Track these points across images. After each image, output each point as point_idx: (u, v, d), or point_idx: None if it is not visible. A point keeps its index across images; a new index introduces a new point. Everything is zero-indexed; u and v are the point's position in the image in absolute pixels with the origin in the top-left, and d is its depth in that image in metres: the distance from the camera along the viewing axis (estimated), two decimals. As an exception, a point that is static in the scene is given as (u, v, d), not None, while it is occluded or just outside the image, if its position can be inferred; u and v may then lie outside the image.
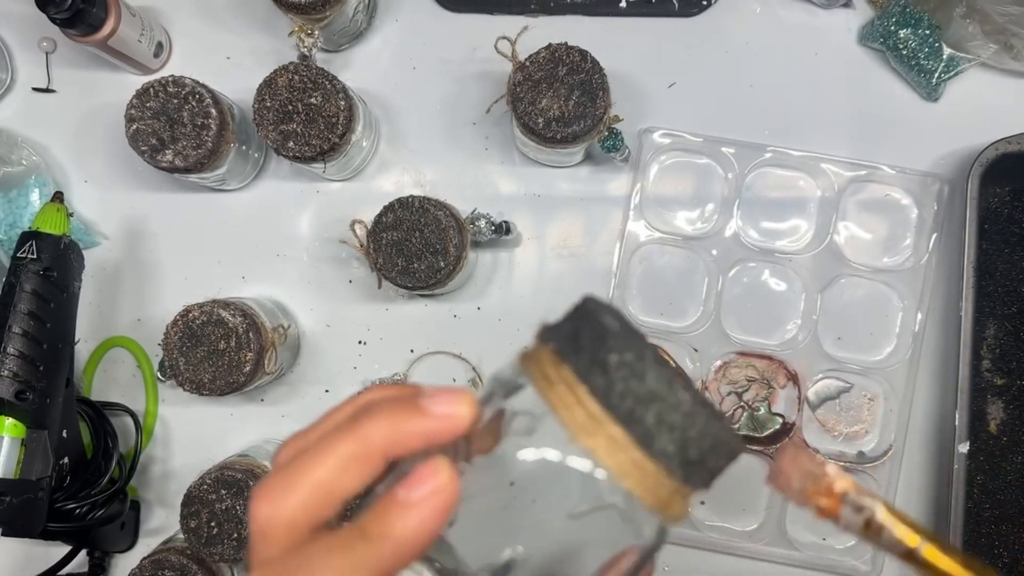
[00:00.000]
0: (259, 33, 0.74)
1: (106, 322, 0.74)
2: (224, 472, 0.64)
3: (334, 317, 0.73)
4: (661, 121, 0.72)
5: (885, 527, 0.25)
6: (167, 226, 0.74)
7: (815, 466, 0.26)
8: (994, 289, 0.69)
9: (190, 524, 0.64)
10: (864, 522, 0.25)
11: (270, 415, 0.73)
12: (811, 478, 0.26)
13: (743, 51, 0.74)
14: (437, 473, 0.23)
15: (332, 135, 0.65)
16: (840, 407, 0.71)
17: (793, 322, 0.72)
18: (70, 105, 0.75)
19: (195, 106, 0.65)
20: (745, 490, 0.71)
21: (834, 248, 0.71)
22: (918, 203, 0.71)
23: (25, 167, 0.73)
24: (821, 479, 0.26)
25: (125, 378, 0.74)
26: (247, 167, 0.73)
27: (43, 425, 0.63)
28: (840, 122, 0.73)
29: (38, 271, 0.63)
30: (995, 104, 0.72)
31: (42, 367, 0.63)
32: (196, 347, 0.64)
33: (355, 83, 0.69)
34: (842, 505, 0.26)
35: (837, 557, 0.69)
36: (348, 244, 0.69)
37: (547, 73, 0.63)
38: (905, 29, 0.70)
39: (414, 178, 0.74)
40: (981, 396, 0.68)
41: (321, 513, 0.24)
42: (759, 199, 0.72)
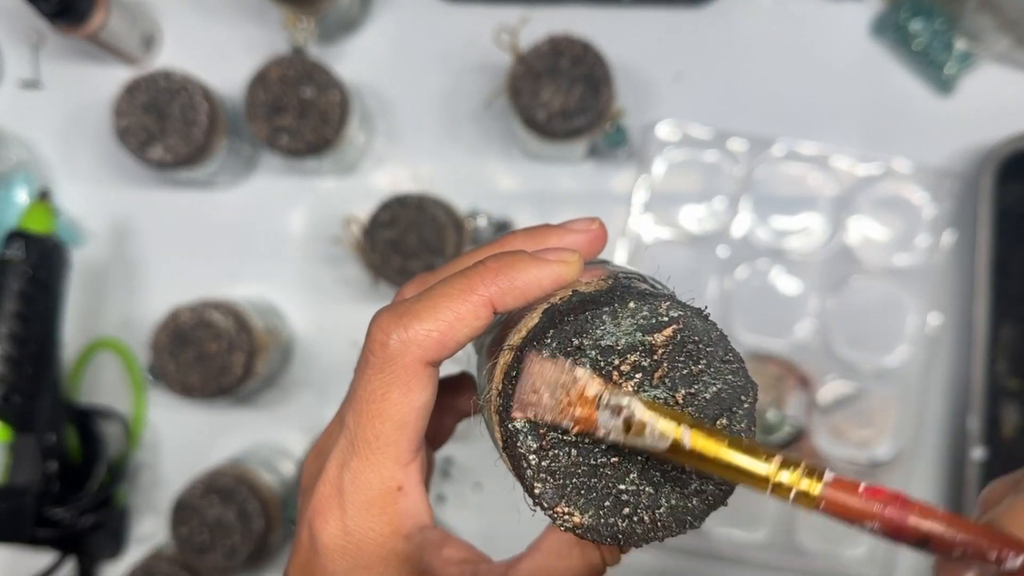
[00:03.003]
0: (251, 24, 0.74)
1: (93, 323, 0.73)
2: (214, 478, 0.63)
3: (328, 318, 0.73)
4: (666, 114, 0.71)
5: (647, 423, 0.24)
6: (156, 224, 0.74)
7: (564, 374, 0.24)
8: (1009, 289, 0.68)
9: (180, 531, 0.63)
10: (624, 423, 0.24)
11: (262, 419, 0.72)
12: (562, 388, 0.24)
13: (751, 43, 0.73)
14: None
15: (326, 130, 0.64)
16: (852, 411, 0.70)
17: (802, 323, 0.70)
18: (57, 100, 0.75)
19: (185, 100, 0.64)
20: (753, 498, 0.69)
21: (845, 246, 0.71)
22: (931, 200, 0.70)
23: (11, 164, 0.72)
24: (572, 386, 0.24)
25: (113, 381, 0.73)
26: (238, 163, 0.72)
27: (30, 429, 0.63)
28: (850, 116, 0.72)
29: (24, 271, 0.62)
30: (1009, 98, 0.72)
31: (29, 370, 0.62)
32: (185, 349, 0.63)
33: (350, 76, 0.68)
34: (598, 411, 0.24)
35: (847, 565, 0.68)
36: (343, 243, 0.68)
37: (549, 65, 0.62)
38: (917, 22, 0.70)
39: (411, 174, 0.73)
40: (996, 399, 0.68)
41: (440, 353, 0.27)
42: (767, 195, 0.71)
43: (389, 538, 0.28)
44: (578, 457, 0.25)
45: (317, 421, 0.71)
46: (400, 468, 0.28)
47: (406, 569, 0.28)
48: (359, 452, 0.28)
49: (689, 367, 0.26)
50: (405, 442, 0.28)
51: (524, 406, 0.25)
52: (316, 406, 0.72)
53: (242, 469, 0.65)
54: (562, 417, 0.24)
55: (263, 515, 0.63)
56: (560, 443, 0.25)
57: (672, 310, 0.25)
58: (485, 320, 0.27)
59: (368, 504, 0.28)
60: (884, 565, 0.68)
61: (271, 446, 0.72)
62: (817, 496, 0.23)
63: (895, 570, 0.68)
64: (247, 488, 0.63)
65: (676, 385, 0.26)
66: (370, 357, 0.27)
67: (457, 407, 0.35)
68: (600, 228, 0.30)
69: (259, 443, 0.72)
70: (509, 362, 0.26)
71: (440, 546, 0.29)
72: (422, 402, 0.27)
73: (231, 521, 0.63)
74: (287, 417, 0.72)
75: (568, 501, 0.26)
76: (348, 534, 0.28)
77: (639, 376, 0.25)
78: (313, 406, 0.72)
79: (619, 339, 0.25)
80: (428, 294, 0.27)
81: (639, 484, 0.26)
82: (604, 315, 0.25)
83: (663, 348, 0.25)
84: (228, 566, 0.63)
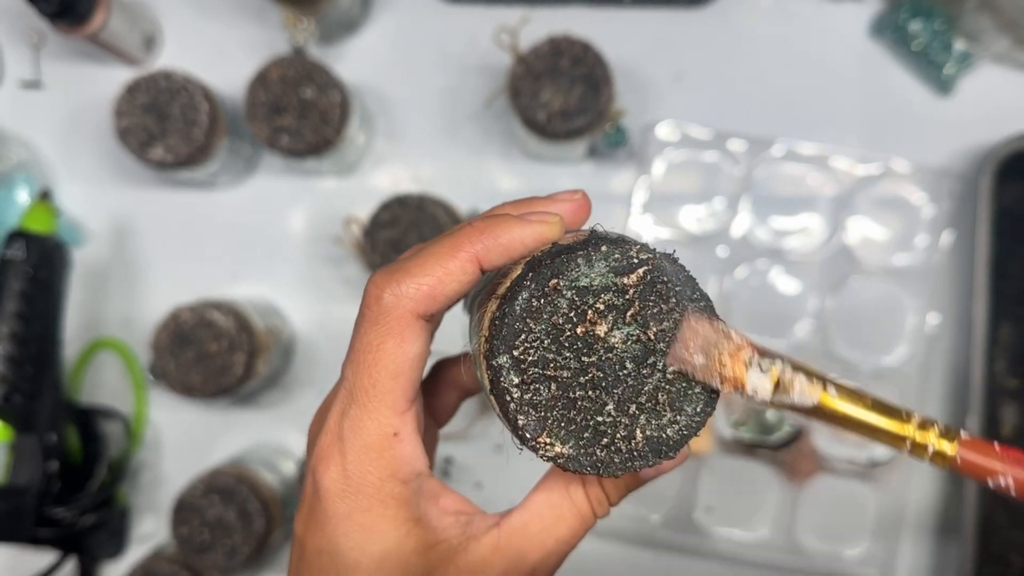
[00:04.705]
0: (252, 25, 0.74)
1: (94, 323, 0.73)
2: (215, 478, 0.63)
3: (328, 318, 0.72)
4: (666, 115, 0.71)
5: (795, 381, 0.25)
6: (157, 224, 0.74)
7: (719, 334, 0.26)
8: (1008, 289, 0.68)
9: (181, 531, 0.63)
10: (775, 382, 0.25)
11: (263, 419, 0.72)
12: (715, 347, 0.26)
13: (751, 43, 0.73)
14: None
15: (326, 130, 0.64)
16: (850, 411, 0.70)
17: (802, 323, 0.70)
18: (58, 100, 0.75)
19: (186, 100, 0.64)
20: (753, 497, 0.70)
21: (844, 246, 0.70)
22: (930, 200, 0.70)
23: (12, 164, 0.72)
24: (726, 346, 0.26)
25: (114, 381, 0.73)
26: (239, 163, 0.72)
27: (31, 429, 0.63)
28: (850, 116, 0.72)
29: (25, 271, 0.62)
30: (1008, 99, 0.71)
31: (29, 369, 0.62)
32: (186, 349, 0.63)
33: (350, 76, 0.68)
34: (748, 369, 0.25)
35: (847, 565, 0.68)
36: (343, 243, 0.68)
37: (549, 66, 0.62)
38: (916, 22, 0.70)
39: (411, 174, 0.73)
40: (995, 399, 0.68)
41: (430, 307, 0.28)
42: (767, 195, 0.71)
43: (387, 481, 0.29)
44: (558, 391, 0.27)
45: (317, 421, 0.71)
46: (396, 416, 0.29)
47: (403, 513, 0.29)
48: (357, 400, 0.29)
49: (659, 306, 0.27)
50: (400, 391, 0.29)
51: (677, 359, 0.26)
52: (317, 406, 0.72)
53: (243, 469, 0.65)
54: (711, 376, 0.26)
55: (264, 515, 0.63)
56: (541, 378, 0.27)
57: (642, 253, 0.27)
58: (472, 275, 0.29)
59: (366, 448, 0.29)
60: (884, 565, 0.68)
61: (272, 446, 0.72)
62: (952, 456, 0.24)
63: (895, 570, 0.68)
64: (248, 488, 0.63)
65: (647, 322, 0.27)
66: (366, 311, 0.29)
67: (460, 383, 0.37)
68: (583, 198, 0.31)
69: (260, 443, 0.72)
70: (494, 312, 0.27)
71: (437, 496, 0.31)
72: (415, 352, 0.29)
73: (232, 521, 0.63)
74: (288, 417, 0.72)
75: (549, 432, 0.27)
76: (348, 478, 0.29)
77: (612, 315, 0.27)
78: (314, 406, 0.71)
79: (593, 280, 0.27)
80: (419, 253, 0.29)
81: (616, 416, 0.27)
82: (579, 258, 0.27)
83: (634, 288, 0.27)
84: (229, 566, 0.63)
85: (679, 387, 0.27)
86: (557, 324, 0.27)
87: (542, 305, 0.27)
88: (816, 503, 0.69)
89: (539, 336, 0.27)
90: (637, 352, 0.27)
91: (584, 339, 0.27)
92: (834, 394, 0.25)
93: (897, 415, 0.25)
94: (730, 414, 0.70)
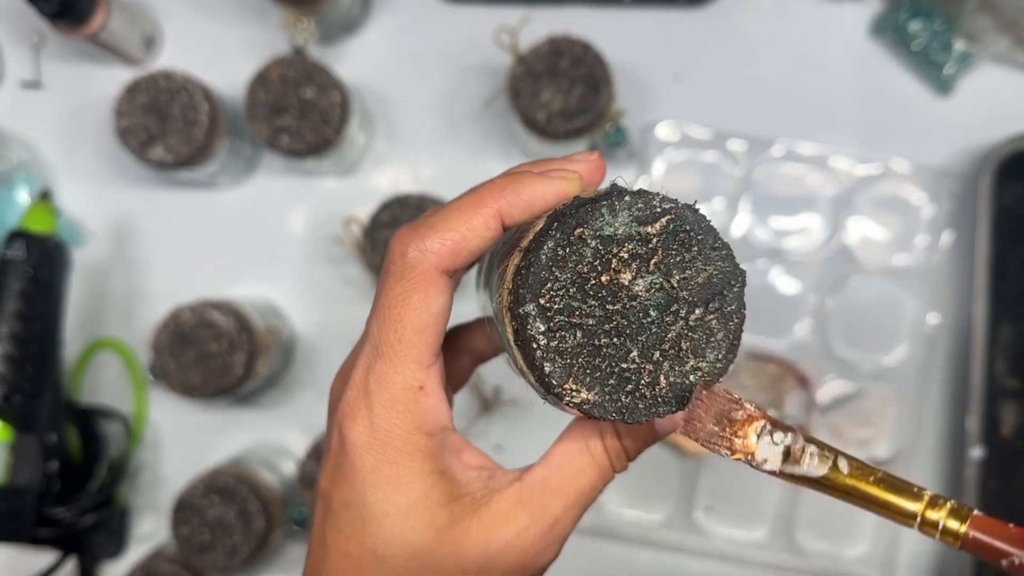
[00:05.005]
0: (252, 25, 0.74)
1: (94, 323, 0.73)
2: (215, 478, 0.63)
3: (328, 318, 0.72)
4: (666, 115, 0.71)
5: (806, 454, 0.25)
6: (157, 224, 0.74)
7: (731, 404, 0.26)
8: (1008, 289, 0.68)
9: (181, 531, 0.63)
10: (784, 451, 0.25)
11: (263, 419, 0.72)
12: (726, 418, 0.26)
13: (751, 43, 0.73)
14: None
15: (327, 130, 0.64)
16: (851, 410, 0.70)
17: (801, 323, 0.70)
18: (58, 100, 0.75)
19: (186, 100, 0.64)
20: (753, 498, 0.70)
21: (844, 246, 0.71)
22: (930, 200, 0.70)
23: (12, 164, 0.72)
24: (737, 414, 0.26)
25: (114, 381, 0.73)
26: (239, 163, 0.72)
27: (31, 429, 0.63)
28: (850, 116, 0.72)
29: (25, 271, 0.62)
30: (1008, 99, 0.72)
31: (30, 369, 0.62)
32: (186, 349, 0.63)
33: (350, 76, 0.68)
34: (759, 439, 0.26)
35: (847, 565, 0.68)
36: (343, 243, 0.68)
37: (549, 66, 0.62)
38: (916, 22, 0.70)
39: (411, 174, 0.73)
40: (994, 399, 0.68)
41: (453, 262, 0.29)
42: (766, 195, 0.71)
43: (412, 434, 0.29)
44: (583, 338, 0.28)
45: (318, 421, 0.71)
46: (421, 369, 0.30)
47: (428, 465, 0.30)
48: (383, 355, 0.29)
49: (682, 254, 0.28)
50: (425, 345, 0.29)
51: (688, 427, 0.27)
52: (317, 406, 0.72)
53: (243, 469, 0.65)
54: (722, 444, 0.26)
55: (264, 514, 0.63)
56: (566, 326, 0.27)
57: (665, 203, 0.28)
58: (495, 231, 0.29)
59: (393, 401, 0.29)
60: (884, 565, 0.68)
61: (272, 446, 0.72)
62: (963, 534, 0.24)
63: (895, 570, 0.68)
64: (248, 488, 0.63)
65: (670, 270, 0.28)
66: (391, 267, 0.29)
67: (474, 349, 0.38)
68: (599, 159, 0.32)
69: (260, 443, 0.72)
70: (518, 263, 0.28)
71: (460, 450, 0.31)
72: (439, 307, 0.30)
73: (232, 520, 0.63)
74: (288, 417, 0.72)
75: (575, 379, 0.28)
76: (374, 430, 0.29)
77: (636, 263, 0.28)
78: (314, 406, 0.72)
79: (617, 229, 0.28)
80: (442, 209, 0.30)
81: (640, 363, 0.28)
82: (603, 208, 0.27)
83: (657, 237, 0.28)
84: (229, 565, 0.63)
85: (701, 334, 0.28)
86: (582, 273, 0.27)
87: (567, 254, 0.27)
88: (816, 503, 0.69)
89: (564, 284, 0.27)
90: (660, 300, 0.28)
91: (608, 287, 0.28)
92: (844, 468, 0.25)
93: (908, 491, 0.25)
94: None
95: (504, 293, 0.28)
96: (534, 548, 0.30)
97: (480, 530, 0.29)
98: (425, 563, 0.29)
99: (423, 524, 0.29)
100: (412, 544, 0.29)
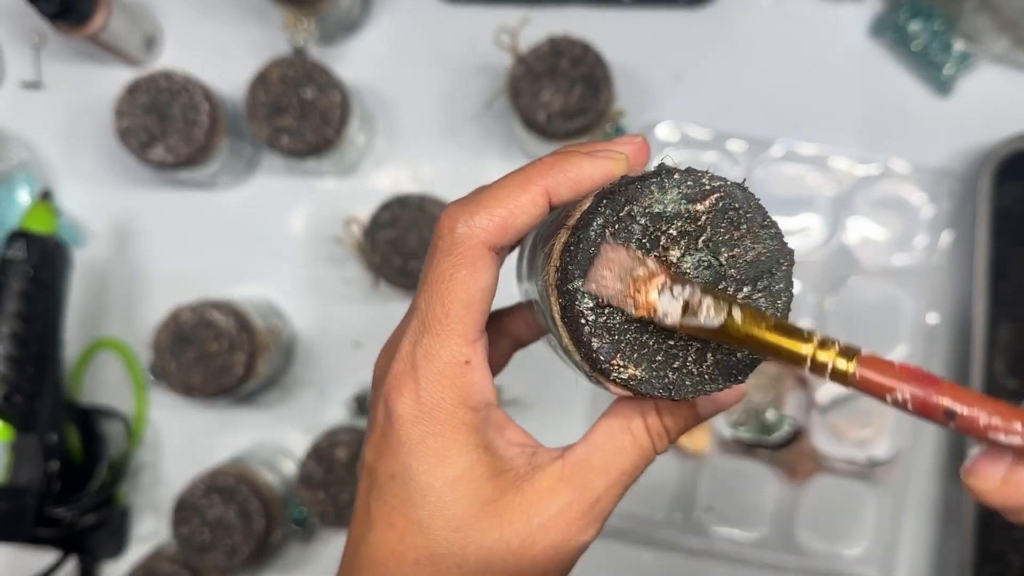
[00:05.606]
0: (252, 25, 0.74)
1: (94, 323, 0.73)
2: (216, 478, 0.63)
3: (328, 318, 0.72)
4: (666, 115, 0.71)
5: (703, 305, 0.26)
6: (157, 225, 0.74)
7: (635, 262, 0.27)
8: (1007, 289, 0.68)
9: (181, 531, 0.63)
10: (683, 305, 0.26)
11: (263, 419, 0.72)
12: (630, 275, 0.27)
13: (751, 44, 0.73)
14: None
15: (327, 130, 0.64)
16: (850, 410, 0.70)
17: (801, 323, 0.70)
18: (59, 100, 0.75)
19: (186, 101, 0.64)
20: (753, 498, 0.70)
21: (843, 246, 0.71)
22: (929, 200, 0.70)
23: (12, 164, 0.72)
24: (639, 271, 0.27)
25: (114, 381, 0.73)
26: (239, 163, 0.72)
27: (32, 429, 0.63)
28: (849, 117, 0.72)
29: (26, 271, 0.62)
30: (1008, 99, 0.72)
31: (30, 369, 0.62)
32: (186, 349, 0.63)
33: (351, 76, 0.68)
34: (660, 295, 0.26)
35: (847, 565, 0.68)
36: (343, 243, 0.68)
37: (548, 66, 0.62)
38: (916, 22, 0.70)
39: (411, 174, 0.73)
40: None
41: (501, 239, 0.29)
42: (766, 195, 0.70)
43: (458, 407, 0.30)
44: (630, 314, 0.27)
45: (318, 421, 0.71)
46: (467, 344, 0.30)
47: (473, 439, 0.30)
48: (430, 329, 0.30)
49: (731, 232, 0.28)
50: (471, 320, 0.30)
51: (593, 284, 0.27)
52: (317, 406, 0.72)
53: (243, 468, 0.65)
54: (626, 301, 0.27)
55: (264, 514, 0.63)
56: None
57: (714, 180, 0.28)
58: (542, 208, 0.30)
59: (439, 375, 0.30)
60: (884, 565, 0.68)
61: (272, 445, 0.72)
62: (851, 373, 0.25)
63: (895, 570, 0.68)
64: (248, 487, 0.63)
65: (719, 248, 0.28)
66: (439, 243, 0.30)
67: (513, 333, 0.38)
68: (643, 142, 0.32)
69: (260, 442, 0.72)
70: (566, 240, 0.28)
71: (503, 427, 0.32)
72: (487, 283, 0.30)
73: (232, 520, 0.63)
74: (288, 417, 0.72)
75: (623, 355, 0.27)
76: (421, 403, 0.30)
77: (685, 241, 0.28)
78: (314, 406, 0.72)
79: (666, 207, 0.27)
80: (491, 187, 0.30)
81: (687, 340, 0.28)
82: (652, 186, 0.27)
83: (706, 214, 0.28)
84: (229, 565, 0.63)
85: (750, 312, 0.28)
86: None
87: (616, 231, 0.27)
88: (815, 503, 0.69)
89: None
90: (708, 277, 0.28)
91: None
92: (738, 317, 0.26)
93: (798, 335, 0.26)
94: (730, 414, 0.70)
95: (551, 271, 0.28)
96: (576, 525, 0.30)
97: (523, 505, 0.30)
98: (469, 535, 0.29)
99: (467, 497, 0.29)
100: (456, 516, 0.29)
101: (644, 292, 0.26)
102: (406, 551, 0.30)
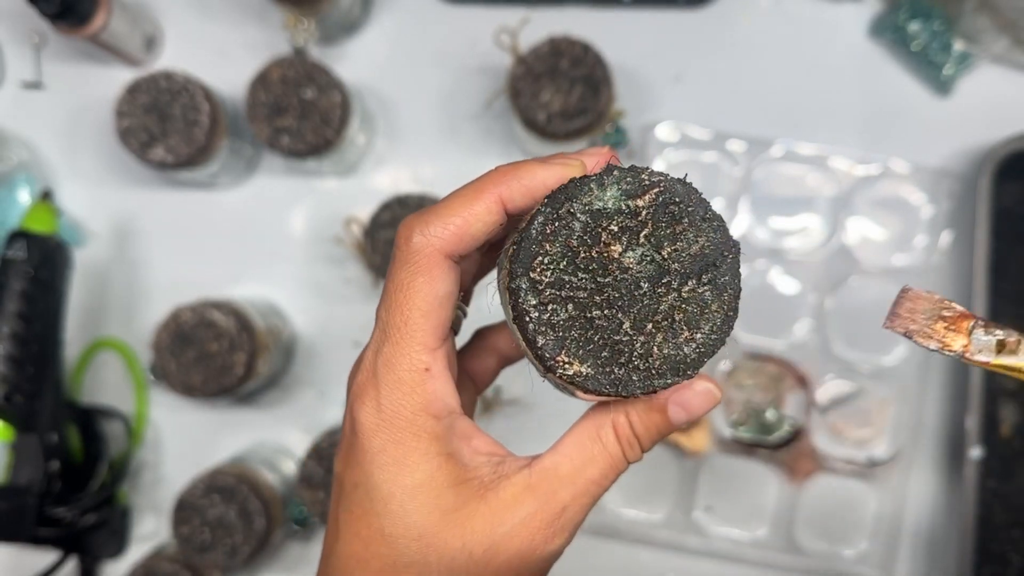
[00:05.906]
0: (252, 25, 0.74)
1: (95, 323, 0.73)
2: (216, 478, 0.63)
3: (329, 318, 0.73)
4: (666, 115, 0.71)
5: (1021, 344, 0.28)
6: (158, 225, 0.74)
7: (942, 303, 0.28)
8: (1007, 289, 0.68)
9: (182, 531, 0.63)
10: (998, 343, 0.28)
11: (263, 418, 0.72)
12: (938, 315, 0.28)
13: (750, 44, 0.73)
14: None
15: (327, 130, 0.64)
16: (850, 410, 0.70)
17: (801, 323, 0.70)
18: (59, 101, 0.75)
19: (186, 101, 0.64)
20: (753, 498, 0.70)
21: (843, 246, 0.71)
22: (929, 200, 0.70)
23: (13, 164, 0.72)
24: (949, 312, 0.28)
25: (115, 381, 0.73)
26: (239, 164, 0.72)
27: (32, 429, 0.63)
28: (849, 117, 0.72)
29: (26, 271, 0.62)
30: (1007, 99, 0.71)
31: (31, 369, 0.62)
32: (187, 349, 0.63)
33: (351, 77, 0.68)
34: (971, 333, 0.28)
35: (847, 565, 0.68)
36: (344, 243, 0.68)
37: (548, 66, 0.62)
38: (915, 23, 0.70)
39: (411, 175, 0.73)
40: (994, 399, 0.68)
41: (457, 247, 0.30)
42: (766, 195, 0.71)
43: (418, 415, 0.30)
44: (575, 311, 0.28)
45: (318, 421, 0.71)
46: (427, 352, 0.30)
47: (435, 447, 0.30)
48: (390, 338, 0.30)
49: (672, 226, 0.28)
50: (430, 328, 0.30)
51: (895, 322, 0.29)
52: (317, 405, 0.72)
53: (243, 468, 0.65)
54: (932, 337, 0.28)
55: (264, 514, 0.63)
56: (558, 299, 0.28)
57: (653, 176, 0.28)
58: (497, 216, 0.30)
59: (399, 383, 0.30)
60: (883, 564, 0.68)
61: (272, 445, 0.72)
62: None
63: (894, 570, 0.68)
64: (248, 487, 0.63)
65: (661, 243, 0.28)
66: (397, 253, 0.30)
67: (501, 349, 0.38)
68: (608, 152, 0.32)
69: (260, 442, 0.72)
70: (513, 244, 0.28)
71: (469, 436, 0.32)
72: (444, 291, 0.30)
73: (232, 520, 0.63)
74: (288, 416, 0.72)
75: (568, 352, 0.28)
76: (381, 411, 0.30)
77: (626, 236, 0.28)
78: (314, 406, 0.72)
79: (606, 203, 0.28)
80: (447, 198, 0.31)
81: (633, 335, 0.28)
82: (591, 183, 0.28)
83: (647, 210, 0.28)
84: (229, 565, 0.63)
85: (695, 306, 0.28)
86: (572, 246, 0.28)
87: (557, 228, 0.28)
88: (815, 503, 0.69)
89: (555, 258, 0.28)
90: (652, 272, 0.28)
91: (599, 260, 0.28)
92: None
93: None
94: (729, 414, 0.70)
95: (503, 274, 0.29)
96: (541, 534, 0.30)
97: (487, 514, 0.30)
98: (431, 544, 0.30)
99: (428, 505, 0.30)
100: (418, 525, 0.30)
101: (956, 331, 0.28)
102: (371, 560, 0.30)
